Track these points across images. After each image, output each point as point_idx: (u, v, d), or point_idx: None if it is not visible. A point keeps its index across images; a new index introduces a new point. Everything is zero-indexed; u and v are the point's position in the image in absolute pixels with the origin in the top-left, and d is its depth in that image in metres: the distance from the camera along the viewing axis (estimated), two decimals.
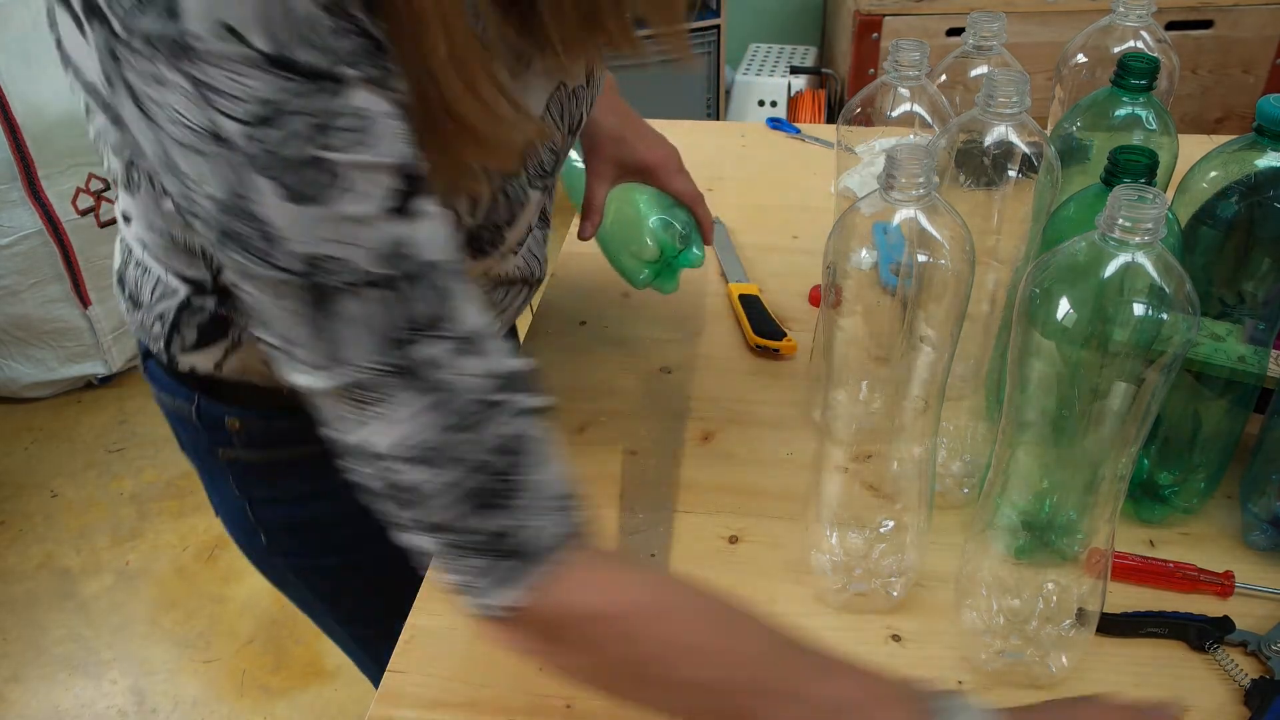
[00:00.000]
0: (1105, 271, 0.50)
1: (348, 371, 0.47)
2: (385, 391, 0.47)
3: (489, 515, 0.49)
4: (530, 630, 0.52)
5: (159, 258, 0.65)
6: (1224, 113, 2.40)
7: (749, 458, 0.83)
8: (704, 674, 0.51)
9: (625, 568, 0.55)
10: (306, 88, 0.43)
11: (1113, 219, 0.49)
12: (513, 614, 0.51)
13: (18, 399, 2.29)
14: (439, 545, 0.50)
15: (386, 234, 0.46)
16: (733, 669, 0.51)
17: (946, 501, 0.76)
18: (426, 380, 0.47)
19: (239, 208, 0.44)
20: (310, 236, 0.44)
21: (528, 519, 0.50)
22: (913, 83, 0.75)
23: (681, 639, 0.51)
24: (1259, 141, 0.66)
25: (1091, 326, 0.51)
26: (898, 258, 0.56)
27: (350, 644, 0.99)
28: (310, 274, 0.45)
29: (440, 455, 0.48)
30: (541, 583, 0.50)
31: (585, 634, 0.51)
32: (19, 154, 2.01)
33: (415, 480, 0.48)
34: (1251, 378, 0.69)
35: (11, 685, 1.71)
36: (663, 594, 0.53)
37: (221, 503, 0.83)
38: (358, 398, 0.48)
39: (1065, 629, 0.62)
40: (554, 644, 0.52)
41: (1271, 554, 0.72)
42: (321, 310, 0.46)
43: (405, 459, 0.48)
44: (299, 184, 0.44)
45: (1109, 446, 0.55)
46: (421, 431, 0.48)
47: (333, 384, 0.47)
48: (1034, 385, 0.55)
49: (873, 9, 2.32)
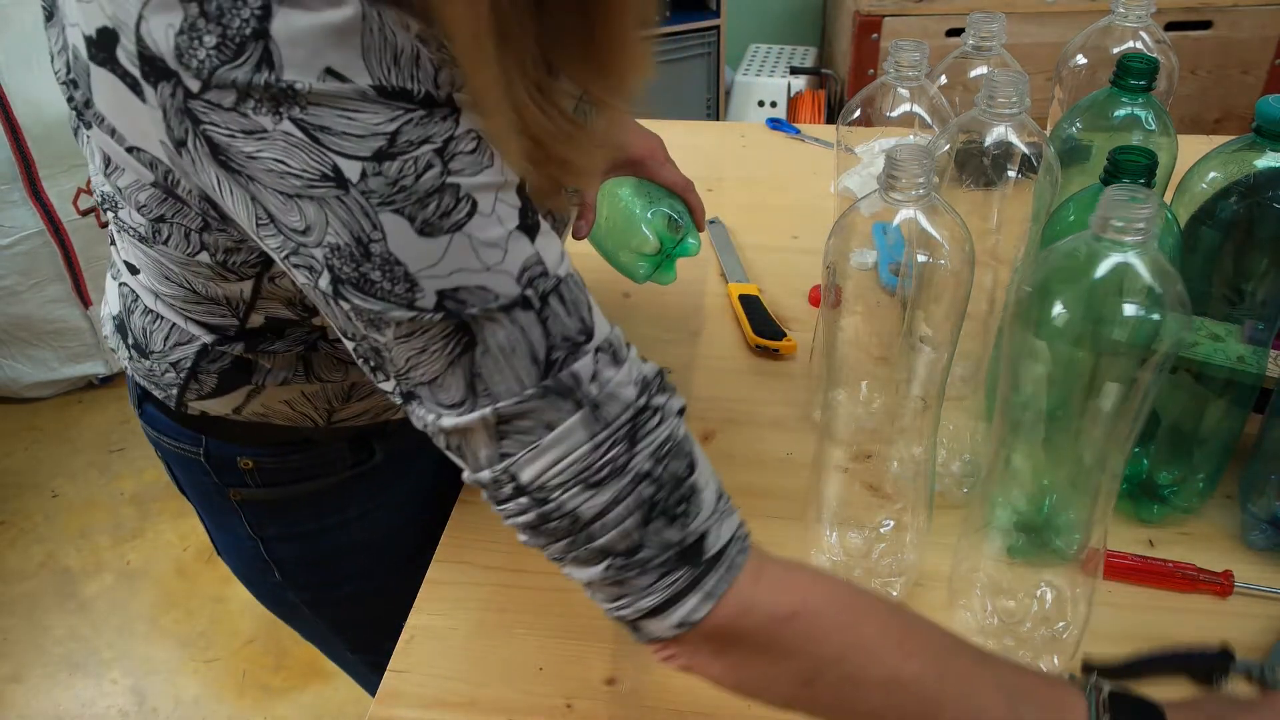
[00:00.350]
0: (1098, 271, 0.50)
1: (496, 403, 0.45)
2: (537, 417, 0.45)
3: (664, 526, 0.47)
4: (716, 644, 0.49)
5: (175, 307, 0.62)
6: (1223, 113, 2.41)
7: (749, 458, 0.83)
8: (891, 671, 0.48)
9: (799, 568, 0.52)
10: (423, 115, 0.42)
11: (1105, 219, 0.49)
12: (697, 629, 0.48)
13: (19, 399, 2.29)
14: (611, 571, 0.47)
15: (521, 254, 0.45)
16: (920, 665, 0.49)
17: (946, 501, 0.76)
18: (579, 396, 0.46)
19: (366, 251, 0.42)
20: (447, 268, 0.43)
21: (703, 523, 0.48)
22: (912, 83, 0.75)
23: (869, 637, 0.49)
24: (1258, 142, 0.66)
25: (1084, 326, 0.51)
26: (897, 258, 0.57)
27: (362, 670, 0.97)
28: (450, 309, 0.43)
29: (604, 474, 0.46)
30: (729, 589, 0.48)
31: (776, 637, 0.48)
32: (20, 154, 2.01)
33: (579, 506, 0.46)
34: (1250, 378, 0.69)
35: (12, 685, 1.71)
36: (844, 593, 0.51)
37: (232, 542, 0.81)
38: (506, 429, 0.46)
39: (1059, 630, 0.63)
40: (741, 653, 0.49)
41: (1270, 553, 0.72)
42: (465, 344, 0.44)
43: (564, 484, 0.46)
44: (428, 214, 0.42)
45: (1103, 445, 0.56)
46: (580, 451, 0.46)
47: (479, 418, 0.45)
48: (1028, 385, 0.55)
49: (873, 9, 2.32)
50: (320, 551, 0.80)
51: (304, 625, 0.90)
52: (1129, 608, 0.69)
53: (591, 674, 0.66)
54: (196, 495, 0.79)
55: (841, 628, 0.49)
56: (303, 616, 0.88)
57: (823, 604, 0.49)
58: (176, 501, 2.03)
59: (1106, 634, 0.67)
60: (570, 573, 0.49)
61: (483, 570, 0.74)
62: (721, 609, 0.48)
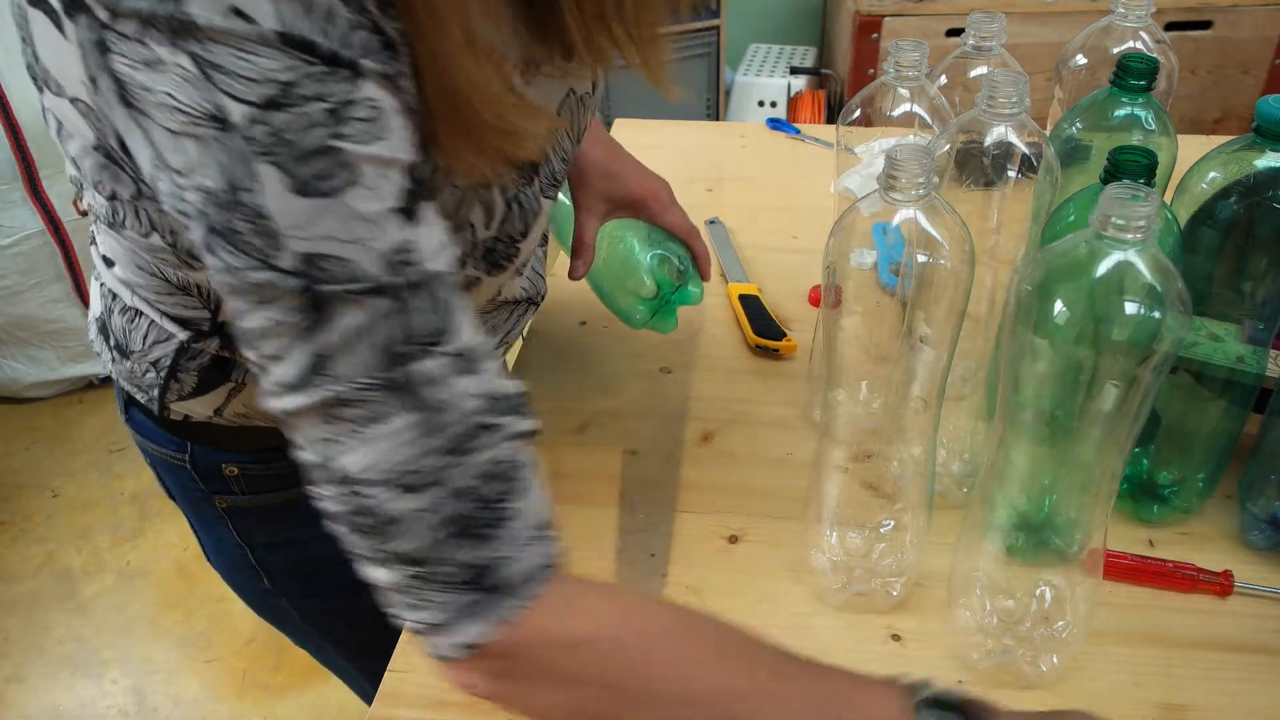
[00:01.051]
0: (1098, 270, 0.50)
1: (333, 387, 0.43)
2: (371, 409, 0.44)
3: (467, 546, 0.46)
4: (499, 668, 0.48)
5: (150, 301, 0.62)
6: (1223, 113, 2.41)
7: (749, 458, 0.83)
8: (684, 687, 0.48)
9: (604, 592, 0.52)
10: (323, 72, 0.40)
11: (1105, 217, 0.49)
12: (478, 652, 0.47)
13: (19, 399, 2.29)
14: (405, 578, 0.46)
15: (393, 236, 0.43)
16: (714, 679, 0.49)
17: (946, 501, 0.76)
18: (419, 398, 0.44)
19: (236, 199, 0.41)
20: (314, 233, 0.42)
21: (508, 550, 0.47)
22: (912, 83, 0.75)
23: (667, 661, 0.49)
24: (1258, 142, 0.66)
25: (1084, 325, 0.51)
26: (897, 258, 0.57)
27: (357, 676, 0.96)
28: (308, 277, 0.42)
29: (422, 479, 0.45)
30: (516, 616, 0.47)
31: (562, 665, 0.48)
32: (20, 154, 2.01)
33: (389, 506, 0.45)
34: (1250, 378, 0.69)
35: (13, 685, 1.71)
36: (644, 617, 0.51)
37: (218, 548, 0.81)
38: (337, 415, 0.44)
39: (1059, 630, 0.63)
40: (527, 681, 0.49)
41: (1270, 553, 0.72)
42: (315, 320, 0.43)
43: (381, 482, 0.44)
44: (307, 174, 0.41)
45: (1102, 445, 0.56)
46: (404, 453, 0.44)
47: (313, 401, 0.44)
48: (1028, 384, 0.55)
49: (872, 9, 2.32)
50: (308, 560, 0.79)
51: (295, 632, 0.90)
52: (1129, 608, 0.69)
53: None
54: (184, 501, 0.79)
55: (636, 650, 0.48)
56: (294, 623, 0.87)
57: (618, 629, 0.49)
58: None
59: (1107, 634, 0.67)
60: (364, 570, 0.48)
61: None
62: (508, 636, 0.47)
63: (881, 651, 0.67)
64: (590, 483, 0.81)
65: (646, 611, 0.51)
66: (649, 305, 0.86)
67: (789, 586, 0.72)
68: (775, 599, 0.71)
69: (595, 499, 0.79)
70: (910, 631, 0.68)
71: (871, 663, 0.66)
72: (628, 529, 0.77)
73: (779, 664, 0.51)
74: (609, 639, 0.48)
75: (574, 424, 0.87)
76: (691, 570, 0.73)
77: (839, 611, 0.70)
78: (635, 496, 0.80)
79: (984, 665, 0.64)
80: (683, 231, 0.86)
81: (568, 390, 0.91)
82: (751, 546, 0.75)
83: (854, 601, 0.69)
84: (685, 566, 0.73)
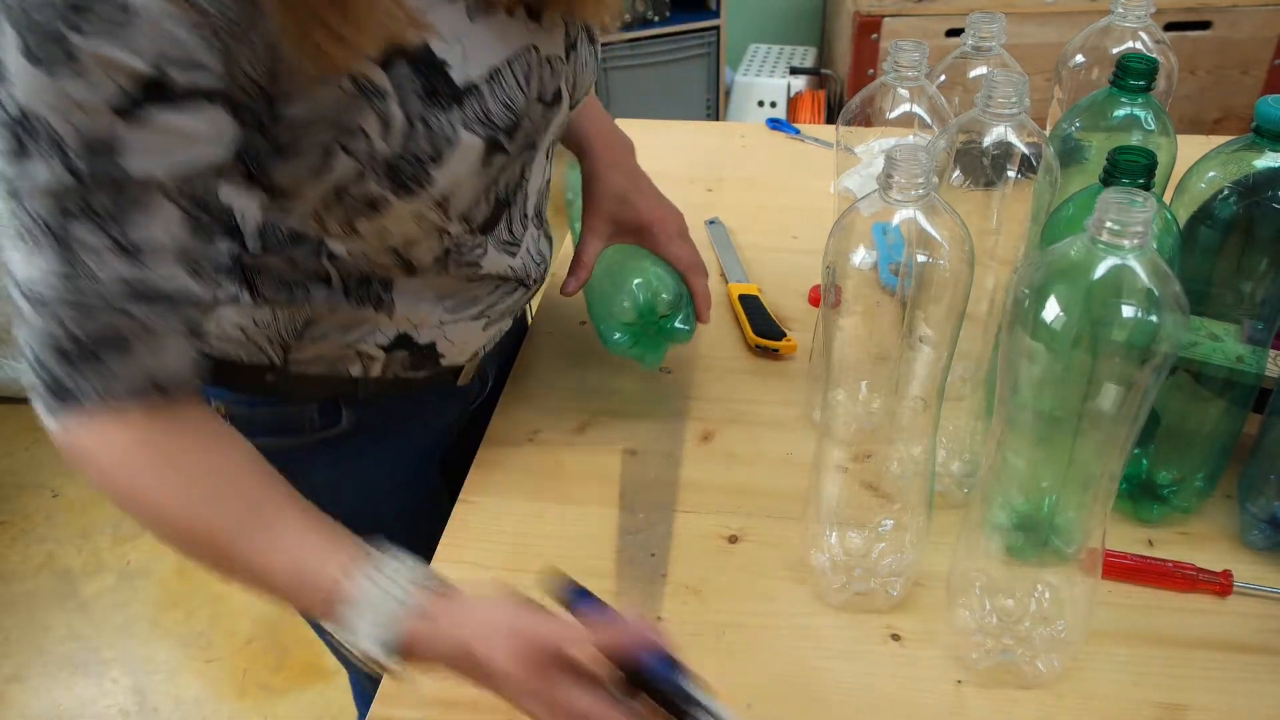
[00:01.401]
0: (1094, 274, 0.50)
1: (15, 208, 0.51)
2: (34, 239, 0.51)
3: (63, 364, 0.54)
4: (69, 456, 0.58)
5: None
6: (1222, 113, 2.41)
7: (749, 458, 0.83)
8: (173, 523, 0.58)
9: (129, 427, 0.57)
10: None
11: (1101, 221, 0.49)
12: (58, 438, 0.57)
13: (20, 399, 2.29)
14: (27, 356, 0.55)
15: (102, 128, 0.48)
16: (217, 522, 0.58)
17: (946, 501, 0.76)
18: (72, 255, 0.51)
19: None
20: (31, 95, 0.47)
21: (86, 380, 0.54)
22: (912, 83, 0.75)
23: (155, 495, 0.57)
24: (1257, 142, 0.66)
25: (1081, 328, 0.51)
26: (897, 258, 0.57)
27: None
28: (21, 125, 0.48)
29: (49, 312, 0.53)
30: (70, 426, 0.56)
31: (92, 475, 0.58)
32: None
33: (28, 312, 0.53)
34: (1250, 378, 0.69)
35: (13, 684, 1.71)
36: (151, 455, 0.58)
37: None
38: (17, 228, 0.52)
39: (1058, 629, 0.63)
40: (86, 472, 0.58)
41: (1270, 553, 0.72)
42: (16, 156, 0.49)
43: (25, 295, 0.53)
44: (38, 48, 0.46)
45: (1101, 446, 0.56)
46: (46, 285, 0.52)
47: (3, 208, 0.52)
48: (1026, 385, 0.56)
49: (872, 10, 2.32)
50: None
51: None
52: (1128, 607, 0.69)
53: None
54: None
55: (139, 486, 0.57)
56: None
57: (123, 465, 0.57)
58: None
59: (1106, 634, 0.67)
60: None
61: (483, 570, 0.74)
62: (68, 440, 0.56)
63: (881, 651, 0.67)
64: (590, 483, 0.81)
65: (161, 453, 0.58)
66: (628, 332, 0.83)
67: (789, 586, 0.72)
68: (775, 599, 0.71)
69: (595, 499, 0.79)
70: (910, 631, 0.68)
71: (872, 663, 0.66)
72: (628, 529, 0.77)
73: (290, 519, 0.59)
74: (109, 470, 0.57)
75: (574, 424, 0.87)
76: (691, 570, 0.73)
77: (839, 611, 0.70)
78: (635, 496, 0.80)
79: (983, 665, 0.64)
80: (682, 265, 0.85)
81: (568, 390, 0.91)
82: (751, 546, 0.75)
83: (854, 601, 0.69)
84: (685, 566, 0.74)
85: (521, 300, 0.82)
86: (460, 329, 0.77)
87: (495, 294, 0.78)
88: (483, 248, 0.73)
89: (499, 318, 0.81)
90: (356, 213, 0.63)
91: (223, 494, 0.59)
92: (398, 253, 0.68)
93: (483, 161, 0.65)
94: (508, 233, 0.75)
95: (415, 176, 0.62)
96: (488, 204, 0.70)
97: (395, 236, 0.66)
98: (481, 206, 0.70)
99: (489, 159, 0.65)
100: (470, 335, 0.79)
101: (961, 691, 0.64)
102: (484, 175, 0.66)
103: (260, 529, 0.58)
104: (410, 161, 0.61)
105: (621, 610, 0.56)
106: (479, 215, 0.70)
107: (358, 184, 0.61)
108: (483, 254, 0.73)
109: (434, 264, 0.71)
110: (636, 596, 0.71)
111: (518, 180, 0.73)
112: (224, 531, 0.58)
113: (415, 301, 0.73)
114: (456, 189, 0.65)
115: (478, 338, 0.80)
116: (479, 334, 0.80)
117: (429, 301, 0.74)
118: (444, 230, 0.68)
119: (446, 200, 0.65)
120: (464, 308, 0.76)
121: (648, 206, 0.85)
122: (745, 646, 0.68)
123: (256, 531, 0.58)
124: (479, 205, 0.70)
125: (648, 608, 0.70)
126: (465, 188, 0.66)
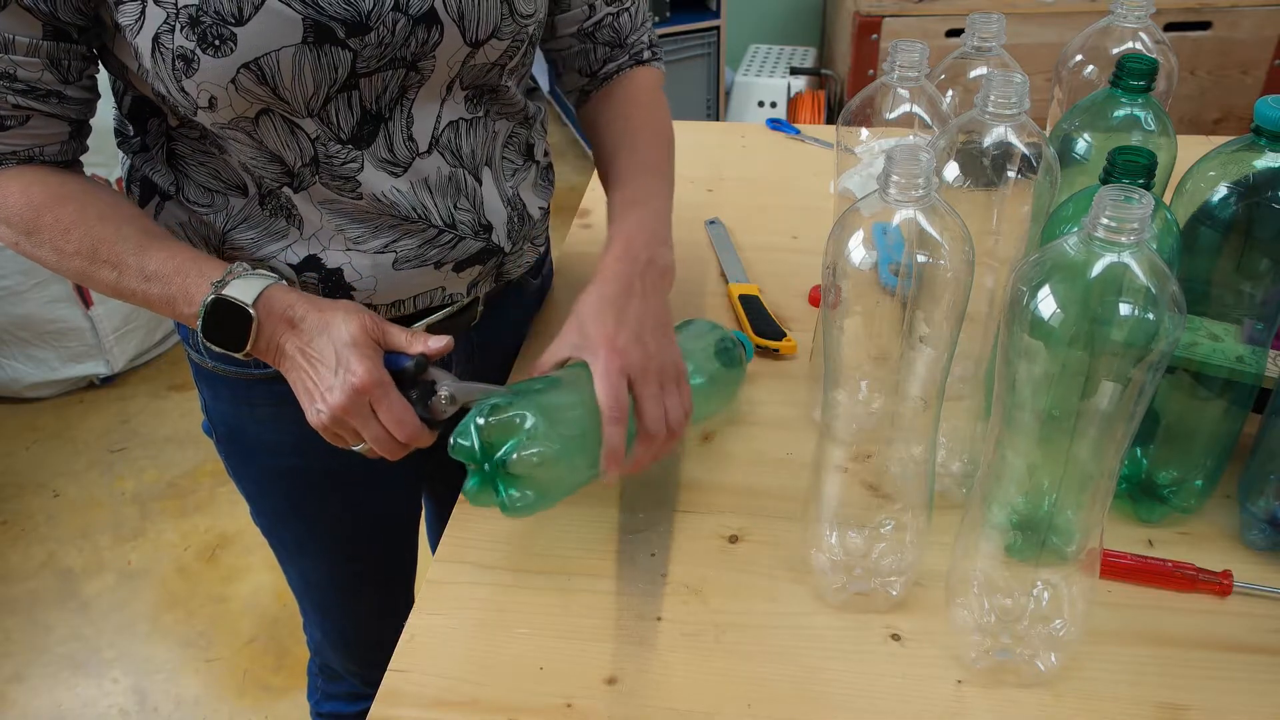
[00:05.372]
0: (1091, 272, 0.50)
1: None
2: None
3: None
4: None
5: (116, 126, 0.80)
6: (1222, 113, 2.41)
7: (749, 458, 0.83)
8: (75, 240, 0.70)
9: (25, 174, 0.71)
10: None
11: (1098, 219, 0.49)
12: None
13: (20, 399, 2.29)
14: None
15: None
16: (77, 249, 0.70)
17: (946, 501, 0.76)
18: None
19: None
20: None
21: None
22: (912, 83, 0.75)
23: (54, 214, 0.70)
24: (1257, 142, 0.66)
25: (1079, 326, 0.51)
26: (897, 258, 0.57)
27: (297, 584, 1.04)
28: None
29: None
30: None
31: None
32: None
33: None
34: (1250, 378, 0.69)
35: (14, 684, 1.71)
36: (48, 189, 0.71)
37: (204, 408, 0.93)
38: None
39: (1056, 628, 0.63)
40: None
41: (1270, 553, 0.73)
42: None
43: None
44: None
45: (1099, 445, 0.56)
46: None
47: None
48: (1024, 384, 0.56)
49: (872, 10, 2.32)
50: (235, 427, 0.90)
51: (255, 514, 0.99)
52: (1128, 607, 0.69)
53: (591, 674, 0.66)
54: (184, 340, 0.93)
55: (47, 213, 0.70)
56: (251, 498, 0.97)
57: (31, 199, 0.70)
58: (177, 501, 2.04)
59: (1106, 633, 0.67)
60: None
61: (483, 570, 0.74)
62: None
63: (881, 651, 0.67)
64: (591, 483, 0.81)
65: (61, 189, 0.72)
66: (467, 455, 0.68)
67: (789, 586, 0.72)
68: (775, 599, 0.71)
69: (595, 499, 0.79)
70: (910, 631, 0.68)
71: (872, 662, 0.66)
72: (628, 529, 0.77)
73: (131, 243, 0.71)
74: (18, 209, 0.70)
75: None
76: (691, 570, 0.73)
77: (839, 611, 0.70)
78: (635, 496, 0.80)
79: (983, 664, 0.64)
80: (601, 403, 0.69)
81: None
82: (751, 546, 0.75)
83: (854, 601, 0.69)
84: (685, 566, 0.74)
85: (456, 255, 0.79)
86: (368, 261, 0.77)
87: (399, 229, 0.77)
88: (357, 162, 0.73)
89: (418, 261, 0.78)
90: (179, 73, 0.66)
91: (117, 215, 0.72)
92: (275, 156, 0.72)
93: (307, 44, 0.66)
94: (386, 150, 0.74)
95: (219, 34, 0.64)
96: (351, 110, 0.71)
97: (262, 133, 0.70)
98: (344, 111, 0.71)
99: (320, 46, 0.66)
100: (382, 274, 0.78)
101: (961, 691, 0.64)
102: (320, 66, 0.67)
103: (152, 238, 0.71)
104: (211, 15, 0.64)
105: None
106: (345, 122, 0.71)
107: (168, 35, 0.65)
108: (358, 169, 0.73)
109: (310, 173, 0.73)
110: (636, 596, 0.71)
111: (396, 96, 0.73)
112: (115, 241, 0.70)
113: (317, 217, 0.76)
114: (277, 65, 0.66)
115: (393, 280, 0.78)
116: (392, 274, 0.78)
117: (330, 218, 0.76)
118: (298, 126, 0.70)
119: (266, 74, 0.66)
120: (368, 238, 0.77)
121: (609, 334, 0.71)
122: (745, 646, 0.68)
123: (149, 241, 0.71)
124: (337, 108, 0.70)
125: (648, 608, 0.71)
126: (289, 67, 0.66)
